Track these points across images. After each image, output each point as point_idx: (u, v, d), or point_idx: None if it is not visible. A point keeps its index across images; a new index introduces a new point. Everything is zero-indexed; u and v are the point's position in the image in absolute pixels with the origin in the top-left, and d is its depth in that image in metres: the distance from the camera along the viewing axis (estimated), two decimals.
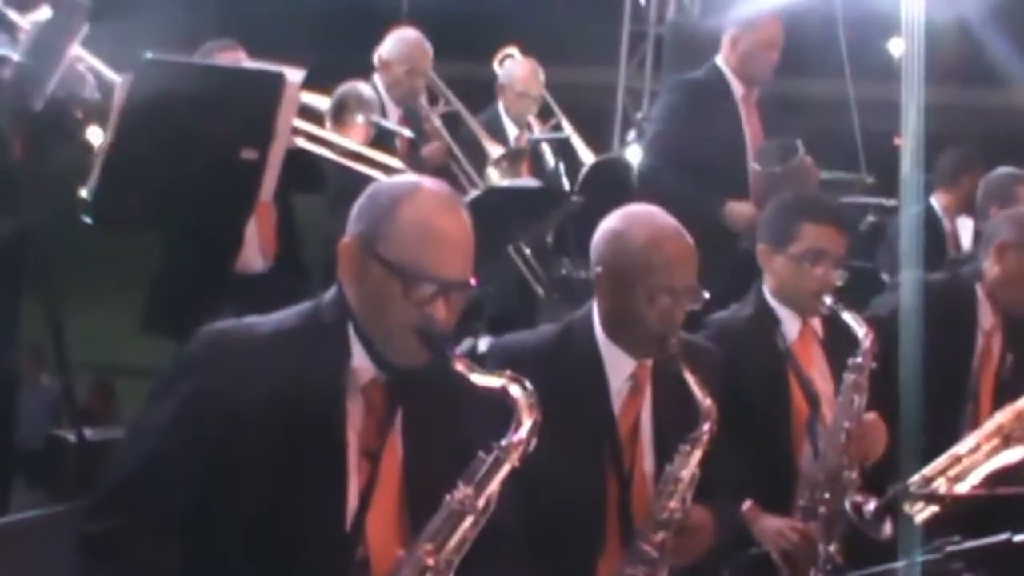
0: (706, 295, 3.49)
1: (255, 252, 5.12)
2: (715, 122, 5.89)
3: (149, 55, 4.05)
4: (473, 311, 6.07)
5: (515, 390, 2.64)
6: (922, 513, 3.94)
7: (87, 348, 6.02)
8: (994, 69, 10.00)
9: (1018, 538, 2.65)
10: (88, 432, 4.72)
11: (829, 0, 10.05)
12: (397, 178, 2.86)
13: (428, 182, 2.82)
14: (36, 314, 4.48)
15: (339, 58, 6.05)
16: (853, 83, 9.95)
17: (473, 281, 2.77)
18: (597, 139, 8.64)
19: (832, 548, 3.85)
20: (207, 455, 2.63)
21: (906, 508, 3.73)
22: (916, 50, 4.96)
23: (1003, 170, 6.33)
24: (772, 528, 3.83)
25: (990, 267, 4.74)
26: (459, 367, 2.65)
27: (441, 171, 6.20)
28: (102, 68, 4.49)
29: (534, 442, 2.63)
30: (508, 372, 2.67)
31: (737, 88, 5.99)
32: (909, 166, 6.14)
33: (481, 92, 7.43)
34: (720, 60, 6.03)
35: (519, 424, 2.62)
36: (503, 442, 2.62)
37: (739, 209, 5.65)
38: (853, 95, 9.98)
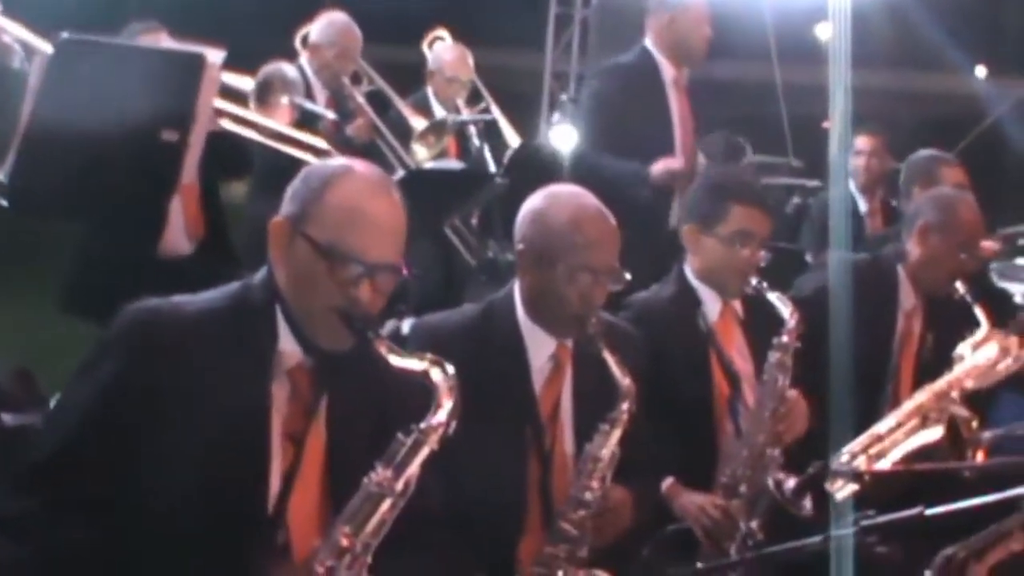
0: (627, 276, 3.53)
1: (180, 234, 5.07)
2: (644, 105, 5.87)
3: (65, 35, 4.01)
4: (398, 294, 6.10)
5: (435, 373, 2.65)
6: (843, 491, 4.00)
7: (5, 332, 5.96)
8: (925, 52, 10.11)
9: (930, 511, 2.69)
10: (7, 417, 4.67)
11: None
12: (330, 160, 2.87)
13: (360, 165, 2.84)
14: None
15: (264, 41, 6.05)
16: (780, 67, 10.05)
17: (402, 267, 2.80)
18: (524, 122, 8.66)
19: (753, 524, 3.88)
20: (128, 437, 2.63)
21: (827, 486, 3.79)
22: (842, 32, 5.00)
23: (925, 152, 6.41)
24: (694, 504, 3.87)
25: (912, 248, 4.80)
26: (381, 349, 2.67)
27: (368, 148, 6.22)
28: (30, 38, 4.41)
29: (453, 425, 2.64)
30: (429, 355, 2.68)
31: (667, 71, 5.94)
32: (836, 148, 6.21)
33: (406, 75, 7.43)
34: (649, 43, 5.97)
35: (439, 407, 2.63)
36: (422, 424, 2.63)
37: (665, 163, 5.60)
38: (780, 79, 10.08)
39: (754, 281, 4.12)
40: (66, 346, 4.54)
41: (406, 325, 4.63)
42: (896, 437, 4.29)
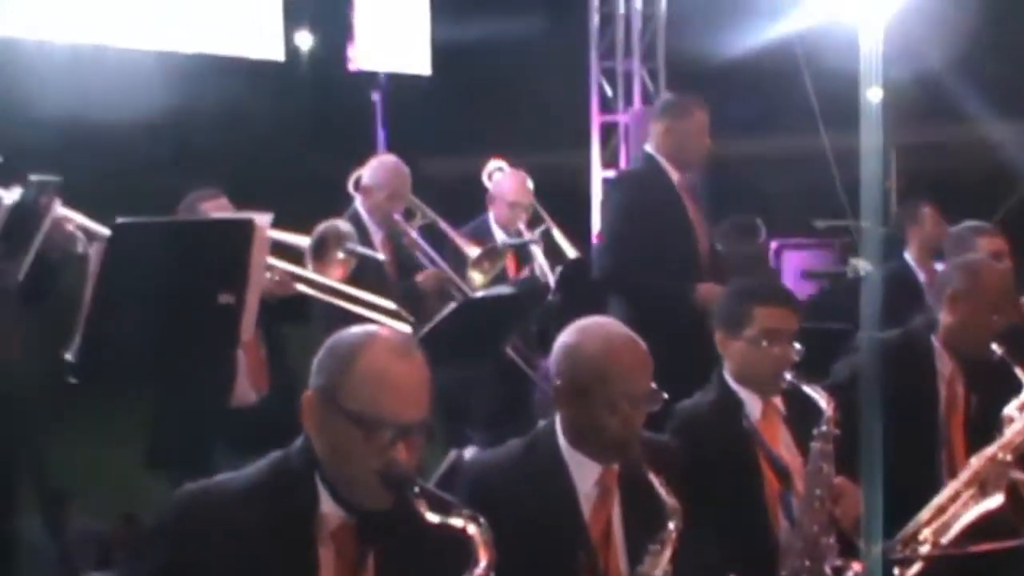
0: (664, 395, 3.50)
1: (245, 387, 5.13)
2: (660, 212, 5.85)
3: (119, 219, 4.04)
4: (462, 416, 6.12)
5: (471, 528, 2.61)
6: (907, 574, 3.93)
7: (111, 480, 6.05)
8: (957, 107, 10.02)
9: None
10: None
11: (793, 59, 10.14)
12: (353, 330, 2.86)
13: (382, 332, 2.84)
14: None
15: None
16: (828, 134, 10.01)
17: (430, 422, 2.79)
18: (580, 229, 8.70)
19: None
20: None
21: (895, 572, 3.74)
22: (875, 101, 4.95)
23: (966, 224, 6.33)
24: None
25: (944, 317, 4.72)
26: (420, 507, 2.64)
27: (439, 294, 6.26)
28: (90, 224, 4.50)
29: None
30: (465, 511, 2.64)
31: (673, 175, 5.93)
32: (869, 222, 6.13)
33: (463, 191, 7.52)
34: (651, 148, 5.97)
35: (476, 561, 2.60)
36: None
37: (708, 289, 5.56)
38: (829, 145, 10.03)
39: (788, 376, 4.07)
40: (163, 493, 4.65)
41: (468, 452, 4.64)
42: (956, 508, 4.21)
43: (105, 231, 4.28)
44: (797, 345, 4.13)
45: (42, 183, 4.26)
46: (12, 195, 4.27)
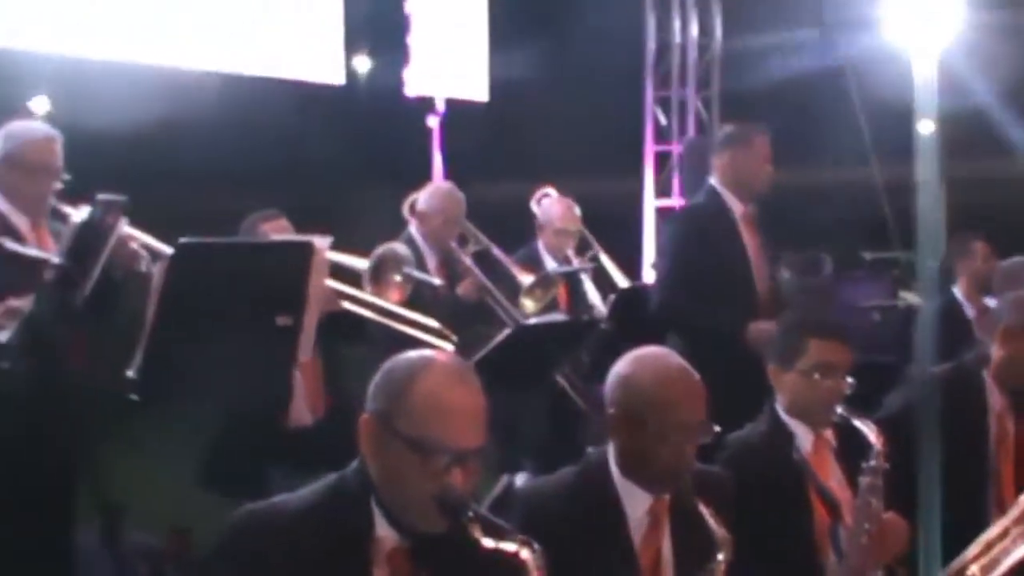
0: (716, 427, 3.51)
1: (302, 407, 5.15)
2: (718, 245, 5.82)
3: (182, 239, 4.11)
4: (512, 442, 6.13)
5: (525, 553, 2.63)
6: None
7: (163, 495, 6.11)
8: (1007, 140, 9.98)
9: None
10: None
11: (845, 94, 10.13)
12: (410, 354, 2.88)
13: (438, 357, 2.85)
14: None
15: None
16: (880, 165, 9.98)
17: (485, 448, 2.80)
18: (632, 258, 8.69)
19: None
20: None
21: None
22: (928, 133, 4.95)
23: (1016, 259, 6.30)
24: None
25: (995, 351, 4.72)
26: (475, 532, 2.65)
27: (478, 305, 6.29)
28: (154, 243, 4.57)
29: None
30: (519, 535, 2.66)
31: (736, 207, 5.89)
32: (925, 256, 6.11)
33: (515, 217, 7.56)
34: (714, 181, 5.94)
35: None
36: None
37: (759, 328, 5.50)
38: (880, 177, 10.00)
39: (839, 409, 4.05)
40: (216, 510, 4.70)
41: (520, 479, 4.66)
42: (1005, 545, 4.18)
43: (168, 250, 4.33)
44: (849, 379, 4.12)
45: (109, 202, 4.32)
46: (80, 214, 4.33)
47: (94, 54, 8.64)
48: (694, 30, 11.93)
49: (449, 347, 5.02)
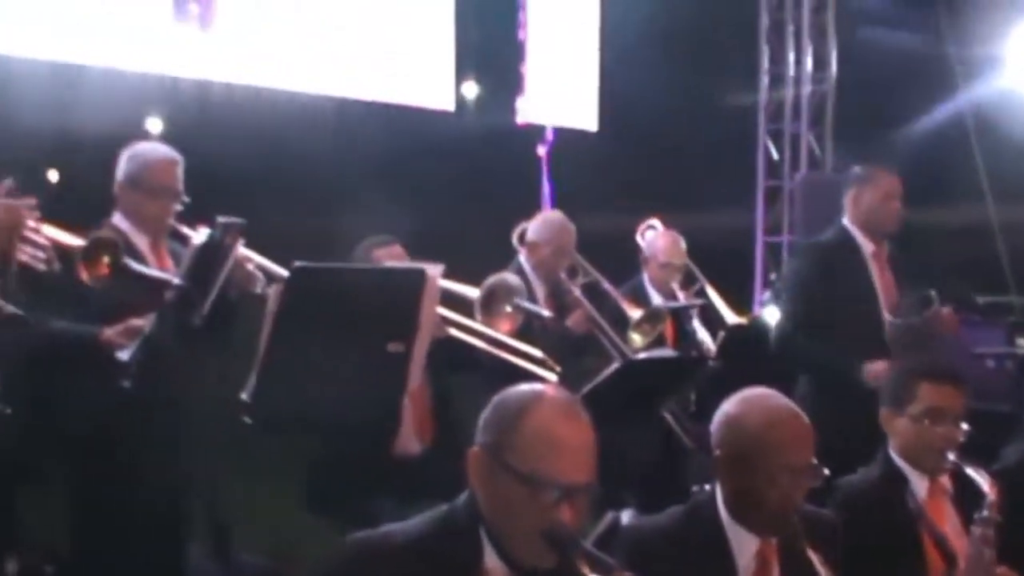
0: (826, 471, 3.48)
1: (410, 436, 5.18)
2: (846, 283, 5.74)
3: (297, 263, 4.14)
4: (617, 478, 6.10)
5: None
6: None
7: (270, 525, 6.19)
8: None
9: None
10: None
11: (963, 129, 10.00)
12: (521, 387, 2.88)
13: (549, 391, 2.86)
14: None
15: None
16: (996, 206, 9.83)
17: (595, 485, 2.81)
18: (739, 290, 8.63)
19: None
20: None
21: None
22: None
23: None
24: None
25: None
26: (583, 569, 2.67)
27: (586, 338, 6.28)
28: (269, 265, 4.63)
29: None
30: (627, 573, 2.67)
31: (866, 245, 5.82)
32: None
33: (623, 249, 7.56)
34: (846, 220, 5.87)
35: None
36: None
37: (877, 368, 5.41)
38: (996, 219, 9.85)
39: (951, 456, 4.00)
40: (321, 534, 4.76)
41: (626, 516, 4.64)
42: None
43: (283, 273, 4.38)
44: (964, 426, 4.06)
45: (228, 224, 4.38)
46: (201, 235, 4.41)
47: (211, 76, 8.81)
48: (808, 63, 11.81)
49: (553, 377, 5.02)
